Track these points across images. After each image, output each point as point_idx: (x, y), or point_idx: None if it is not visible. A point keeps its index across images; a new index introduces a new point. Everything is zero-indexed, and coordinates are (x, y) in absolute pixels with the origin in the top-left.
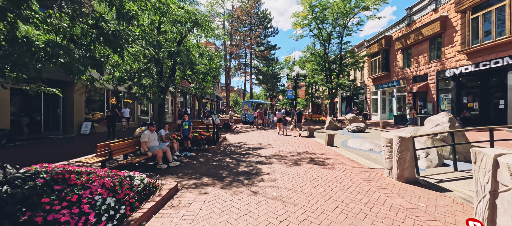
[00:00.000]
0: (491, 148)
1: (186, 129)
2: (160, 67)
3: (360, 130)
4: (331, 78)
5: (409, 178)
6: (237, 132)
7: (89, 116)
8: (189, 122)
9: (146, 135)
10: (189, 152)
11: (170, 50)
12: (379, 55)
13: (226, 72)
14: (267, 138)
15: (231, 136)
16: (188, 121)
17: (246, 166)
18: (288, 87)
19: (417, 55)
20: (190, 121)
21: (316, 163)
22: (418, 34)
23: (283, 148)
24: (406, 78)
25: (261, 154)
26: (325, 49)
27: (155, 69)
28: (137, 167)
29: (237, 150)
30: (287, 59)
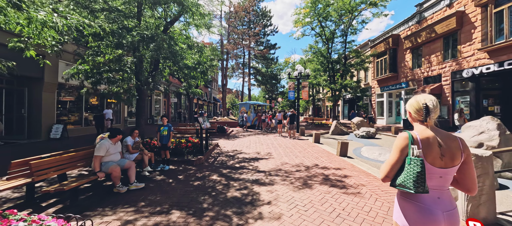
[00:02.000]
0: None
1: (164, 136)
2: (137, 59)
3: (370, 136)
4: (335, 79)
5: (488, 218)
6: (233, 137)
7: (64, 118)
8: (169, 127)
9: (103, 147)
10: (167, 166)
11: (142, 33)
12: (385, 55)
13: (222, 72)
14: (266, 145)
15: (225, 142)
16: (167, 126)
17: (239, 188)
18: (290, 87)
19: (429, 55)
20: (169, 126)
21: (333, 184)
22: (430, 31)
23: (286, 159)
24: (416, 80)
25: (259, 168)
26: (328, 48)
27: (130, 61)
28: (82, 192)
29: (230, 162)
30: (287, 60)
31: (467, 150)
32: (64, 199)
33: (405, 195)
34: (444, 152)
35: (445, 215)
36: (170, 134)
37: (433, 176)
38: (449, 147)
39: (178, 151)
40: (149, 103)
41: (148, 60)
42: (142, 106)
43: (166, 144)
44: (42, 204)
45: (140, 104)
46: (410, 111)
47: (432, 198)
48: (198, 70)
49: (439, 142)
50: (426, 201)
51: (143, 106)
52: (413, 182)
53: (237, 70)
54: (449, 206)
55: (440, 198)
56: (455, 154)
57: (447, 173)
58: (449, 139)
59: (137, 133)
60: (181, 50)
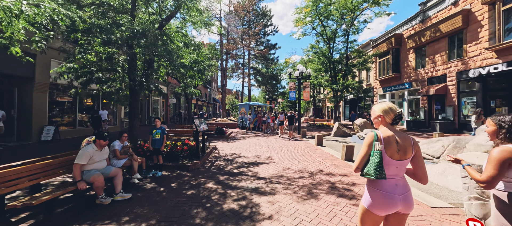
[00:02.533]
0: None
1: (156, 140)
2: (130, 57)
3: None
4: (336, 80)
5: None
6: (232, 139)
7: (57, 119)
8: (162, 130)
9: (86, 154)
10: (159, 172)
11: (133, 29)
12: (388, 55)
13: (222, 72)
14: (267, 148)
15: (224, 145)
16: (160, 129)
17: (237, 198)
18: (291, 87)
19: (433, 54)
20: (163, 129)
21: (341, 193)
22: (434, 30)
23: (288, 164)
24: (420, 80)
25: (259, 175)
26: (330, 48)
27: (122, 60)
28: (62, 203)
29: (228, 166)
30: (287, 61)
31: (417, 147)
32: (39, 212)
33: (372, 184)
34: (400, 148)
35: (401, 197)
36: (163, 137)
37: (391, 166)
38: (404, 144)
39: (173, 155)
40: (147, 104)
41: (141, 58)
42: (135, 107)
43: (159, 148)
44: (13, 219)
45: (134, 105)
46: (383, 115)
47: (391, 185)
48: (195, 69)
49: (397, 140)
50: (387, 188)
51: (137, 107)
52: (374, 170)
53: (237, 71)
54: (404, 190)
55: (397, 185)
56: (408, 149)
57: (402, 164)
58: (404, 138)
59: (126, 137)
60: (178, 49)
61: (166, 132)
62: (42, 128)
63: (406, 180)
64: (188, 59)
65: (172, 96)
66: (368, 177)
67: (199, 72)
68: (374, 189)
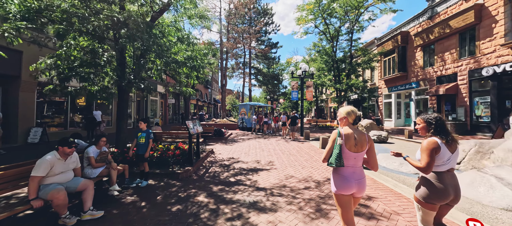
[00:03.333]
0: None
1: (140, 145)
2: (118, 52)
3: (382, 140)
4: (340, 79)
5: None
6: (231, 141)
7: (46, 120)
8: (147, 133)
9: (45, 164)
10: (144, 181)
11: (112, 16)
12: (393, 53)
13: (222, 71)
14: (268, 151)
15: (222, 148)
16: (146, 132)
17: (231, 216)
18: (293, 87)
19: (443, 52)
20: (148, 133)
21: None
22: (444, 27)
23: (291, 171)
24: (428, 79)
25: (259, 184)
26: (333, 46)
27: (108, 55)
28: (19, 222)
29: (223, 174)
30: (289, 61)
31: (371, 142)
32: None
33: (335, 171)
34: (357, 143)
35: (355, 182)
36: (149, 142)
37: (350, 157)
38: (360, 139)
39: (163, 160)
40: (145, 104)
41: (131, 53)
42: (124, 107)
43: (143, 154)
44: None
45: (122, 105)
46: (347, 116)
47: (349, 172)
48: (188, 65)
49: (355, 136)
50: (345, 174)
51: (126, 107)
52: (335, 160)
53: (237, 70)
54: (359, 176)
55: (355, 172)
56: (363, 144)
57: (359, 156)
58: (360, 134)
59: (104, 141)
60: (171, 44)
61: (152, 136)
62: (29, 129)
63: (362, 170)
64: (181, 55)
65: (171, 96)
66: (331, 166)
67: (193, 69)
68: (337, 175)
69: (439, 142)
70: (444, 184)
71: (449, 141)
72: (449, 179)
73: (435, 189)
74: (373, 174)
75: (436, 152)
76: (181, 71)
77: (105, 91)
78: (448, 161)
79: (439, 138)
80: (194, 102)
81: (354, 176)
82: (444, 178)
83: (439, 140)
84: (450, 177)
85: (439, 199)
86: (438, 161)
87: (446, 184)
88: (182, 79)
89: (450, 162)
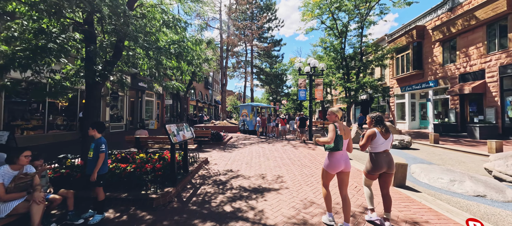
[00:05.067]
0: None
1: (89, 161)
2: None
3: (405, 146)
4: (349, 78)
5: None
6: (230, 146)
7: (18, 122)
8: (97, 144)
9: None
10: (98, 215)
11: None
12: (407, 50)
13: (222, 70)
14: (274, 160)
15: (219, 156)
16: (95, 143)
17: None
18: (300, 86)
19: (467, 47)
20: (99, 143)
21: None
22: (468, 18)
23: (309, 192)
24: (449, 77)
25: (266, 216)
26: (342, 43)
27: (67, 36)
28: None
29: (217, 198)
30: (292, 60)
31: (348, 129)
32: None
33: (331, 155)
34: (344, 133)
35: (343, 161)
36: (99, 156)
37: (344, 143)
38: (346, 131)
39: (135, 178)
40: (139, 105)
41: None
42: (92, 106)
43: (91, 173)
44: None
45: (91, 104)
46: (336, 114)
47: (340, 154)
48: (173, 52)
49: (344, 128)
50: (338, 156)
51: (96, 106)
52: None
53: (238, 69)
54: (346, 158)
55: (342, 155)
56: (348, 133)
57: (345, 142)
58: (345, 127)
59: (28, 157)
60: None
61: (103, 149)
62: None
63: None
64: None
65: (168, 97)
66: (334, 150)
67: (179, 57)
68: (332, 158)
69: (377, 131)
70: (379, 160)
71: (383, 131)
72: (383, 157)
73: (374, 163)
74: (422, 198)
75: (373, 138)
76: (165, 60)
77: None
78: (382, 144)
79: (377, 128)
80: (193, 103)
81: (343, 157)
82: (379, 156)
83: (377, 130)
84: (384, 155)
85: (376, 170)
86: (374, 144)
87: (380, 160)
88: (168, 71)
89: (384, 145)
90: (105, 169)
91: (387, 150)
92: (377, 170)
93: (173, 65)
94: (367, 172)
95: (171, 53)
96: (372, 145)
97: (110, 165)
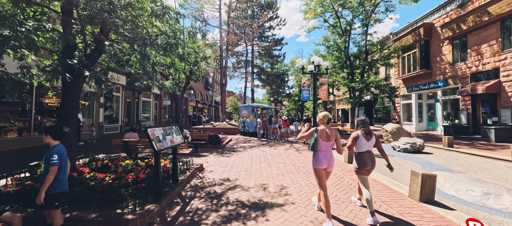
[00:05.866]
0: None
1: (41, 176)
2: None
3: (417, 150)
4: (353, 77)
5: None
6: (229, 150)
7: (2, 124)
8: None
9: None
10: None
11: None
12: (414, 49)
13: (221, 70)
14: (277, 166)
15: (216, 161)
16: (46, 154)
17: None
18: (303, 85)
19: (479, 44)
20: (51, 153)
21: None
22: (480, 14)
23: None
24: (460, 77)
25: None
26: (345, 41)
27: None
28: None
29: (208, 217)
30: (294, 61)
31: (337, 133)
32: None
33: (314, 155)
34: (328, 135)
35: (326, 160)
36: (48, 171)
37: (322, 145)
38: (330, 133)
39: (111, 193)
40: (136, 105)
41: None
42: (69, 104)
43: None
44: None
45: (67, 103)
46: (323, 119)
47: (322, 154)
48: (160, 43)
49: (326, 131)
50: (320, 156)
51: (73, 106)
52: (312, 146)
53: (239, 69)
54: (329, 158)
55: (325, 155)
56: (331, 136)
57: (328, 144)
58: (330, 129)
59: None
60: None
61: (55, 161)
62: None
63: (332, 153)
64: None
65: (166, 97)
66: (312, 150)
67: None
68: (315, 156)
69: (360, 134)
70: (363, 158)
71: (366, 134)
72: (367, 156)
73: (359, 162)
74: (456, 217)
75: (356, 139)
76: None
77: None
78: (365, 145)
79: (360, 131)
80: (193, 104)
81: (325, 157)
82: (363, 155)
83: (360, 133)
84: (367, 154)
85: (362, 167)
86: (358, 145)
87: (365, 159)
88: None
89: (366, 146)
90: (63, 186)
91: (369, 150)
92: (362, 167)
93: (164, 62)
94: (356, 170)
95: (158, 44)
96: (356, 146)
97: (87, 174)
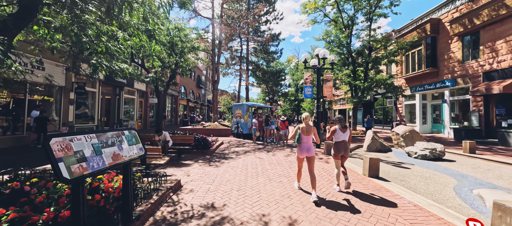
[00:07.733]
0: None
1: None
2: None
3: (437, 157)
4: (356, 75)
5: None
6: (219, 156)
7: None
8: None
9: None
10: None
11: None
12: (419, 46)
13: (213, 66)
14: (279, 181)
15: (200, 173)
16: None
17: None
18: (305, 81)
19: (493, 41)
20: None
21: None
22: (496, 8)
23: None
24: (470, 75)
25: None
26: (348, 36)
27: None
28: None
29: None
30: (290, 59)
31: (314, 130)
32: None
33: (298, 146)
34: (307, 130)
35: (305, 149)
36: None
37: (304, 138)
38: (309, 129)
39: None
40: (117, 103)
41: None
42: None
43: None
44: None
45: None
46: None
47: (304, 146)
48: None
49: (307, 128)
50: (302, 147)
51: None
52: (297, 139)
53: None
54: (309, 148)
55: (305, 147)
56: (310, 131)
57: (308, 137)
58: (309, 127)
59: None
60: None
61: None
62: None
63: (311, 144)
64: None
65: (153, 95)
66: (297, 143)
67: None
68: (299, 148)
69: (337, 128)
70: (338, 147)
71: (342, 127)
72: (342, 145)
73: (336, 149)
74: None
75: (334, 132)
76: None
77: None
78: (341, 136)
79: (338, 126)
80: (184, 103)
81: (306, 147)
82: (339, 144)
83: (337, 127)
84: (342, 144)
85: (338, 153)
86: (336, 136)
87: (339, 147)
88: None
89: (342, 136)
90: None
91: (344, 140)
92: (338, 153)
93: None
94: (333, 155)
95: (96, 5)
96: (334, 137)
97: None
